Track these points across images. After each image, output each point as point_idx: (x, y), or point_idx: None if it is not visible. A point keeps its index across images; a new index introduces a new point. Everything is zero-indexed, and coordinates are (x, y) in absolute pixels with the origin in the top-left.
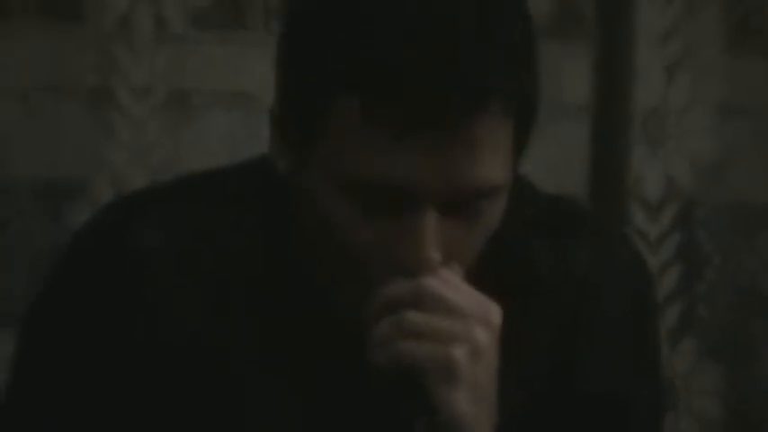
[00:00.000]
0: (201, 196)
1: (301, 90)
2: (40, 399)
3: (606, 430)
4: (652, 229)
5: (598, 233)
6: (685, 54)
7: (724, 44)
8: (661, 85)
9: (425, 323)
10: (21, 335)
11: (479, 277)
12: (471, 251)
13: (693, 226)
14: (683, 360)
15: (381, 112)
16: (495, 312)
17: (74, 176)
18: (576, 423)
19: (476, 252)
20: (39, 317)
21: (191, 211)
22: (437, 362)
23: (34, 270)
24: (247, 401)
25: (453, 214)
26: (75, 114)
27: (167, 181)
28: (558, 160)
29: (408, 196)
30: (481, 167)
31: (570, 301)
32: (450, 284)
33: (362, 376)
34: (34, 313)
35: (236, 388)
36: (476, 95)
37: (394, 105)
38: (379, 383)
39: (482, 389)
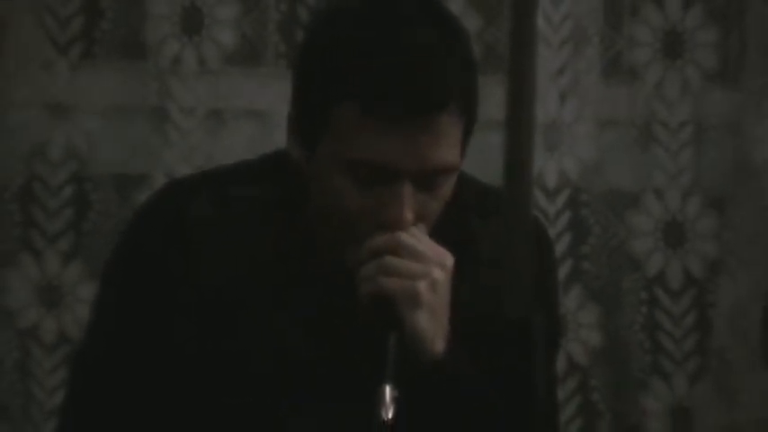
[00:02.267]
0: (234, 179)
1: (313, 96)
2: (111, 331)
3: (522, 346)
4: (550, 209)
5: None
6: (572, 83)
7: (600, 76)
8: (556, 106)
9: (399, 265)
10: (100, 282)
11: (436, 238)
12: (433, 214)
13: (579, 206)
14: (572, 302)
15: (373, 112)
16: (449, 258)
17: (139, 171)
18: (500, 342)
19: (436, 215)
20: (112, 267)
21: (226, 190)
22: (406, 292)
23: (112, 239)
24: (264, 328)
25: (421, 188)
26: (140, 126)
27: (209, 168)
28: (483, 159)
29: (391, 173)
30: (442, 152)
31: (496, 257)
32: (418, 238)
33: (349, 306)
34: (109, 264)
35: (257, 318)
36: (439, 101)
37: (382, 107)
38: (363, 309)
39: (437, 312)
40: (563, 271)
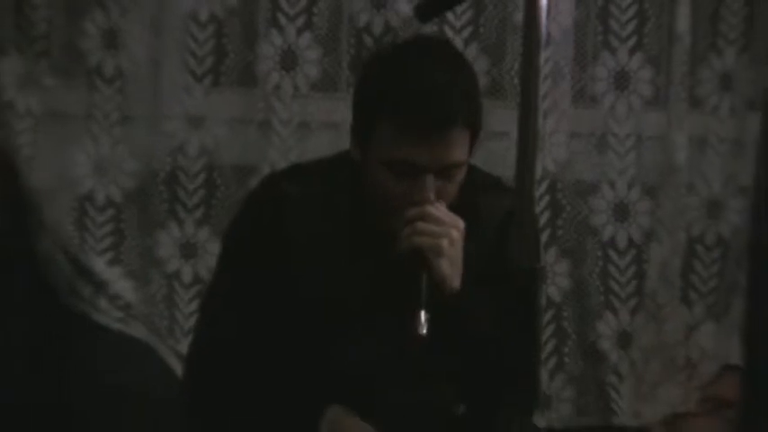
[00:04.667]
0: (315, 170)
1: (364, 113)
2: (228, 278)
3: (531, 287)
4: (535, 193)
5: (510, 190)
6: (552, 106)
7: (571, 101)
8: (540, 121)
9: (427, 228)
10: (221, 241)
11: (453, 209)
12: (449, 194)
13: (555, 192)
14: (550, 257)
15: (406, 125)
16: (461, 222)
17: (251, 164)
18: (509, 283)
19: (452, 194)
20: (229, 231)
21: (311, 177)
22: (433, 247)
23: (232, 210)
24: (335, 272)
25: (440, 177)
26: (252, 133)
27: (298, 163)
28: (489, 158)
29: (418, 169)
30: (454, 154)
31: (497, 224)
32: (439, 209)
33: (394, 257)
34: (227, 230)
35: (331, 266)
36: (450, 120)
37: (412, 122)
38: (403, 259)
39: (455, 260)
40: (543, 237)
